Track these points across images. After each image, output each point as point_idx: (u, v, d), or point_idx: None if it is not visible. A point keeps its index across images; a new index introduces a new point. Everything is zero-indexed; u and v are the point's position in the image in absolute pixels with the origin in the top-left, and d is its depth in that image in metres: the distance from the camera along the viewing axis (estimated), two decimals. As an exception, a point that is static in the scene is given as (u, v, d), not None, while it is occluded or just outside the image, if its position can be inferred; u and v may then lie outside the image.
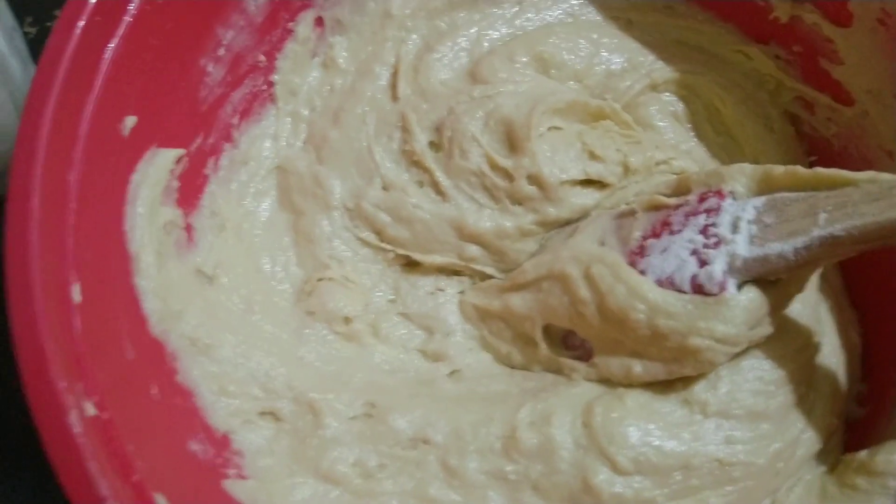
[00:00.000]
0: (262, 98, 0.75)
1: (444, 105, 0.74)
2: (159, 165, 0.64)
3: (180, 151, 0.66)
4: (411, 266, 0.75)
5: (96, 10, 0.57)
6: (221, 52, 0.69)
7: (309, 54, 0.77)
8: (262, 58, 0.74)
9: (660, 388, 0.63)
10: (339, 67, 0.78)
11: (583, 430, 0.62)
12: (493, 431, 0.63)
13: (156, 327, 0.60)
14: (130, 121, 0.61)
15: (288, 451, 0.63)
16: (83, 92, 0.57)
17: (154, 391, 0.57)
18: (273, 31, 0.74)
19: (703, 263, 0.61)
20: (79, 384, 0.49)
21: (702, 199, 0.64)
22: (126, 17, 0.60)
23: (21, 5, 0.90)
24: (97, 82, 0.58)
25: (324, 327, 0.69)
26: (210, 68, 0.69)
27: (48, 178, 0.53)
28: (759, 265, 0.59)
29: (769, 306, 0.60)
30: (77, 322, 0.52)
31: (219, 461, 0.59)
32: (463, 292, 0.74)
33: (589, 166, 0.71)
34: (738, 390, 0.62)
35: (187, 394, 0.60)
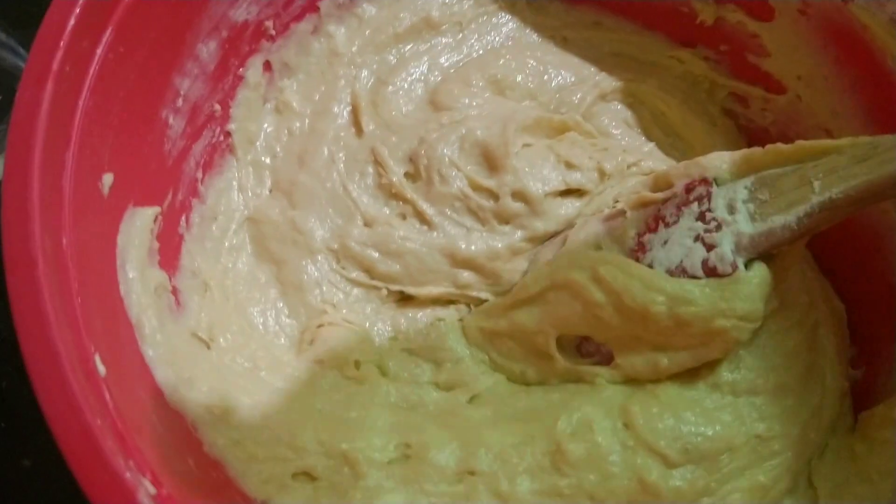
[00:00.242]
0: (221, 149, 0.72)
1: (413, 135, 0.73)
2: (140, 226, 0.59)
3: (156, 210, 0.62)
4: (406, 301, 0.72)
5: (66, 59, 0.53)
6: (180, 102, 0.66)
7: (261, 100, 0.74)
8: (217, 107, 0.70)
9: (686, 377, 0.64)
10: (294, 111, 0.75)
11: (626, 432, 0.61)
12: (537, 449, 0.61)
13: (171, 397, 0.55)
14: (108, 178, 0.56)
15: (332, 510, 0.58)
16: (62, 149, 0.52)
17: (191, 463, 0.51)
18: (225, 78, 0.71)
19: (709, 247, 0.62)
20: (130, 461, 0.44)
21: (688, 190, 0.66)
22: (92, 68, 0.55)
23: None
24: (74, 137, 0.53)
25: (334, 374, 0.66)
26: (171, 120, 0.65)
27: (46, 243, 0.48)
28: (765, 239, 0.61)
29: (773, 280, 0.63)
30: (107, 396, 0.46)
31: (269, 530, 0.54)
32: (462, 319, 0.72)
33: (567, 176, 0.72)
34: (759, 366, 0.64)
35: (218, 465, 0.55)
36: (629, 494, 0.60)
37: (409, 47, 0.79)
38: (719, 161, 0.65)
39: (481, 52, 0.80)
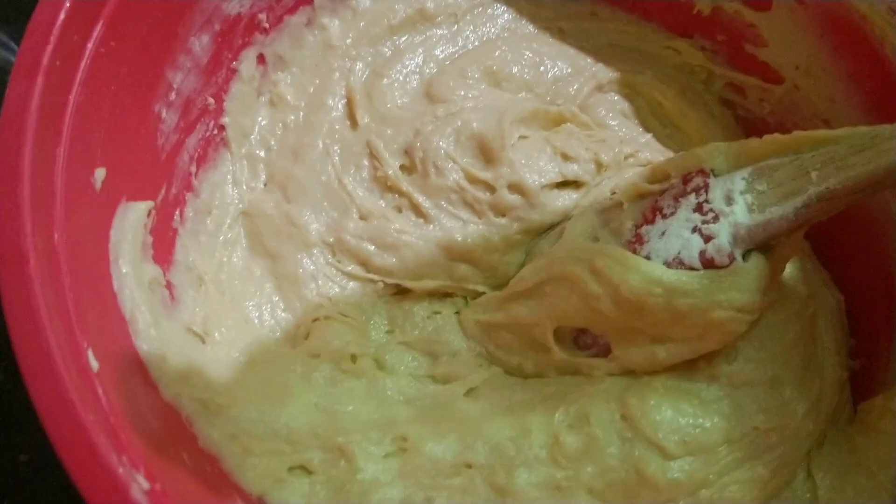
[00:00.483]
0: (215, 143, 0.71)
1: (408, 128, 0.73)
2: (133, 221, 0.59)
3: (149, 204, 0.61)
4: (402, 294, 0.72)
5: (57, 53, 0.52)
6: (173, 96, 0.65)
7: (255, 93, 0.74)
8: (211, 100, 0.70)
9: (684, 369, 0.64)
10: (288, 104, 0.75)
11: (624, 424, 0.61)
12: (534, 442, 0.61)
13: (166, 392, 0.54)
14: (100, 173, 0.56)
15: (328, 504, 0.58)
16: (53, 144, 0.52)
17: (185, 458, 0.51)
18: (218, 71, 0.70)
19: (707, 238, 0.62)
20: (124, 457, 0.43)
21: (686, 181, 0.66)
22: (83, 62, 0.55)
23: None
24: (65, 132, 0.53)
25: (331, 368, 0.65)
26: (164, 114, 0.64)
27: (37, 238, 0.47)
28: (762, 230, 0.60)
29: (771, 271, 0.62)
30: (100, 392, 0.46)
31: (265, 525, 0.53)
32: (459, 312, 0.72)
33: (564, 167, 0.71)
34: (758, 358, 0.64)
35: (213, 459, 0.55)
36: (627, 486, 0.60)
37: (404, 39, 0.79)
38: (716, 152, 0.65)
39: (477, 43, 0.80)
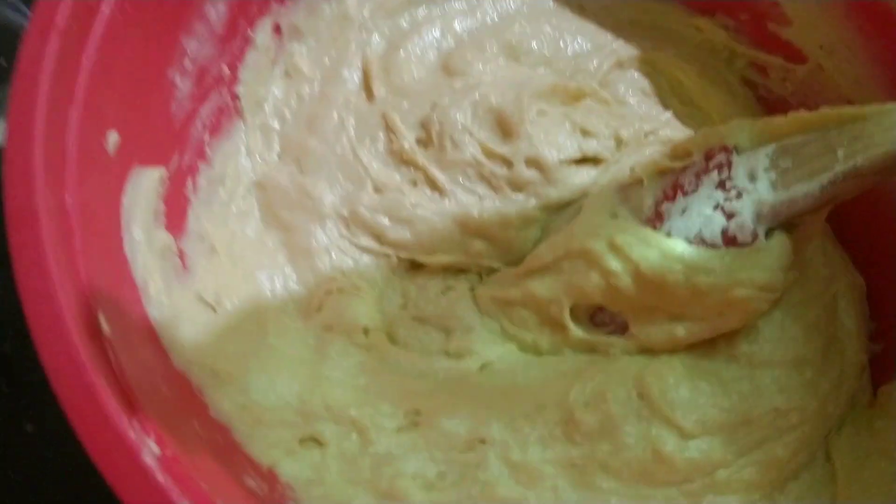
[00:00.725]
0: (228, 112, 0.70)
1: (425, 101, 0.72)
2: (146, 187, 0.58)
3: (162, 171, 0.60)
4: (416, 268, 0.71)
5: (71, 15, 0.51)
6: (187, 63, 0.64)
7: (270, 63, 0.73)
8: (226, 69, 0.68)
9: (702, 348, 0.63)
10: (304, 75, 0.73)
11: (641, 402, 0.60)
12: (549, 418, 0.60)
13: (176, 360, 0.54)
14: (113, 137, 0.55)
15: (340, 477, 0.57)
16: (66, 106, 0.51)
17: (196, 426, 0.50)
18: (233, 40, 0.69)
19: (729, 216, 0.61)
20: (135, 421, 0.42)
21: (708, 158, 0.64)
22: (97, 25, 0.54)
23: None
24: (78, 95, 0.52)
25: (343, 340, 0.64)
26: (178, 81, 0.63)
27: (49, 200, 0.47)
28: (787, 208, 0.59)
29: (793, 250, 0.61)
30: (112, 355, 0.45)
31: (276, 497, 0.53)
32: (473, 288, 0.71)
33: (583, 143, 0.70)
34: (778, 338, 0.63)
35: (224, 429, 0.54)
36: (643, 465, 0.59)
37: (421, 12, 0.77)
38: (740, 129, 0.63)
39: (496, 17, 0.78)
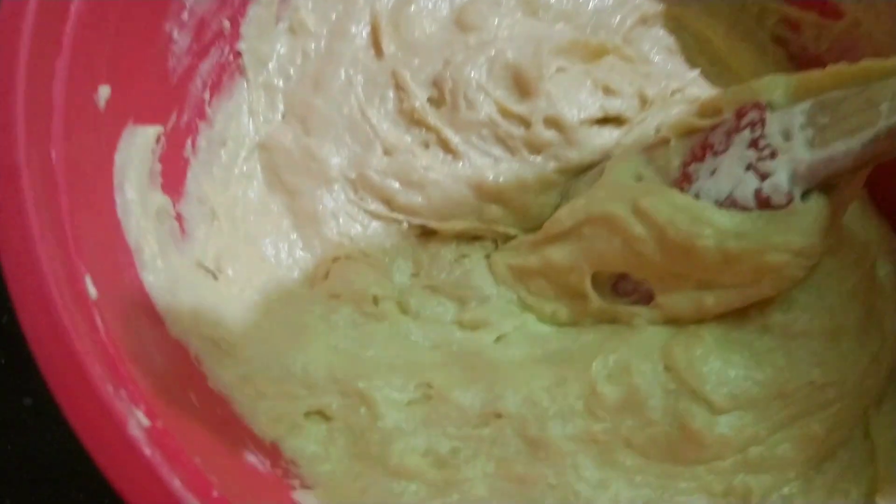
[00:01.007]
0: (230, 70, 0.66)
1: (437, 57, 0.68)
2: (140, 145, 0.54)
3: (158, 129, 0.57)
4: (428, 235, 0.67)
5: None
6: (185, 16, 0.60)
7: (273, 19, 0.69)
8: (227, 23, 0.65)
9: (733, 318, 0.59)
10: (309, 31, 0.69)
11: (667, 375, 0.57)
12: (569, 392, 0.57)
13: (173, 328, 0.50)
14: (104, 91, 0.51)
15: (347, 452, 0.54)
16: (52, 55, 0.47)
17: (193, 398, 0.47)
18: (235, -8, 0.65)
19: (763, 176, 0.57)
20: (122, 391, 0.39)
21: (740, 116, 0.60)
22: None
23: None
24: (65, 44, 0.48)
25: (351, 309, 0.61)
26: (176, 34, 0.60)
27: (32, 153, 0.43)
28: (825, 167, 0.55)
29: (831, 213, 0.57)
30: (99, 321, 0.42)
31: (279, 472, 0.50)
32: (489, 256, 0.67)
33: (606, 102, 0.66)
34: (815, 307, 0.59)
35: (224, 401, 0.51)
36: (670, 441, 0.55)
37: (434, -37, 0.73)
38: (774, 84, 0.59)
39: (512, -31, 0.74)
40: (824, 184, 0.56)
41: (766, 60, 0.76)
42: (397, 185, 0.66)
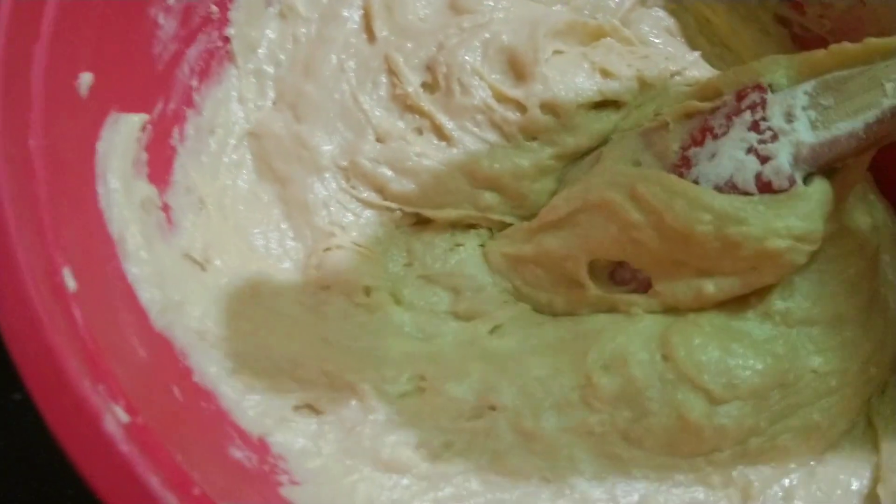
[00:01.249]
0: (219, 56, 0.65)
1: (431, 41, 0.66)
2: (125, 134, 0.53)
3: (143, 117, 0.56)
4: (422, 224, 0.66)
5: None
6: (171, 0, 0.59)
7: (263, 3, 0.67)
8: (215, 8, 0.63)
9: (733, 306, 0.58)
10: (300, 15, 0.68)
11: (665, 365, 0.55)
12: (565, 383, 0.56)
13: (158, 321, 0.49)
14: (87, 78, 0.50)
15: (338, 447, 0.53)
16: (29, 40, 0.46)
17: (177, 393, 0.46)
18: (222, -24, 0.64)
19: (764, 160, 0.55)
20: (100, 386, 0.38)
21: (740, 97, 0.59)
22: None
23: None
24: (44, 29, 0.47)
25: (343, 301, 0.60)
26: (161, 20, 0.58)
27: (8, 142, 0.42)
28: (828, 150, 0.54)
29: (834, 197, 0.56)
30: (77, 314, 0.41)
31: (266, 468, 0.49)
32: (484, 244, 0.66)
33: (603, 85, 0.64)
34: (816, 294, 0.57)
35: (210, 395, 0.50)
36: (668, 433, 0.54)
37: (427, -55, 0.71)
38: (776, 65, 0.58)
39: (508, -51, 0.72)
40: (827, 167, 0.55)
41: (767, 41, 0.74)
42: (390, 173, 0.64)
